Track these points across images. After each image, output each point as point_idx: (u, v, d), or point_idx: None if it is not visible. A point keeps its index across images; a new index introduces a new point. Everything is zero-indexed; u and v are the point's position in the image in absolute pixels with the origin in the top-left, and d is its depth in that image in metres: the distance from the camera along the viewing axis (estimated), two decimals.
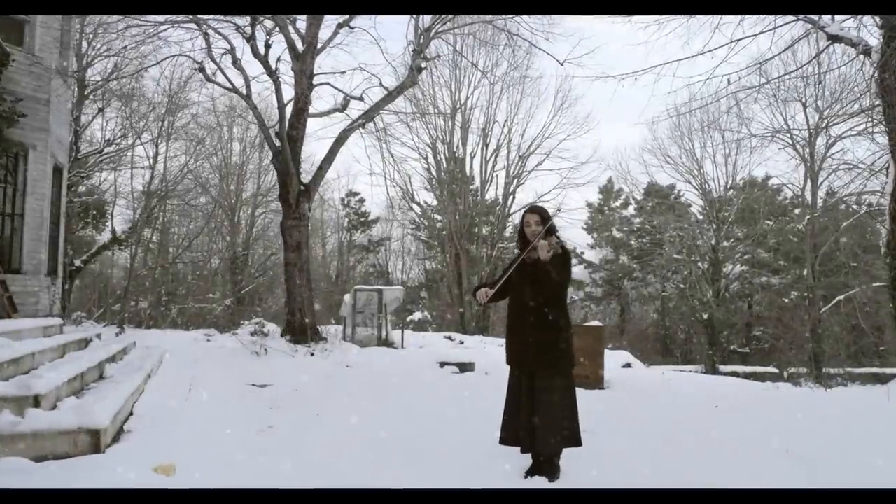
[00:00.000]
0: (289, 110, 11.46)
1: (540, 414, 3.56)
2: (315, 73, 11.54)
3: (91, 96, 20.64)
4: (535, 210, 3.90)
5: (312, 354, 9.88)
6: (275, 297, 30.77)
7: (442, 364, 10.17)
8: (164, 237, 29.27)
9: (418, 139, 21.56)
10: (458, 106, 21.24)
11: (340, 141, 11.47)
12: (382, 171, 19.75)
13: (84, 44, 19.23)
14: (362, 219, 39.64)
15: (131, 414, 4.77)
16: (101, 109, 20.68)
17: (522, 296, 3.75)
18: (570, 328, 3.82)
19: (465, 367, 10.00)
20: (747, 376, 21.73)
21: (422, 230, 30.10)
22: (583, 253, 36.14)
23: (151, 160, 22.59)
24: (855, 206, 23.15)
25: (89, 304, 26.57)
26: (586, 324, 8.67)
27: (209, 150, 27.33)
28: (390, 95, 11.33)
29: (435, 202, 25.54)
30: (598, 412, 6.29)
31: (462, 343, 18.57)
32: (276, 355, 9.84)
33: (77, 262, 22.29)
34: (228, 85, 11.64)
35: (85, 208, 24.15)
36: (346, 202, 39.60)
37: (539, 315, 3.68)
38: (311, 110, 12.38)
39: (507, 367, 3.91)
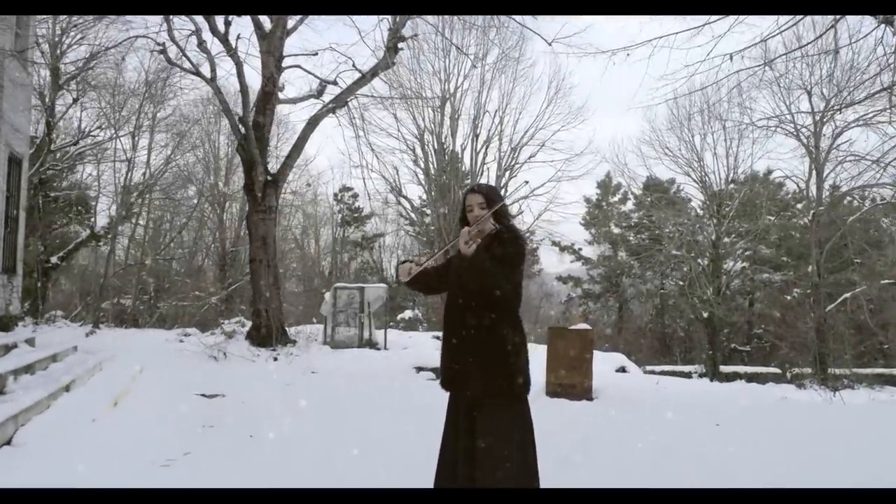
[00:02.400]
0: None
1: (481, 458, 2.71)
2: (284, 54, 10.70)
3: (65, 86, 19.82)
4: (479, 190, 3.01)
5: (276, 359, 9.07)
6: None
7: (418, 369, 9.38)
8: (156, 233, 28.53)
9: (406, 130, 20.70)
10: (447, 96, 20.35)
11: (310, 127, 10.65)
12: (359, 162, 18.70)
13: (58, 31, 18.42)
14: (355, 214, 38.96)
15: (8, 443, 3.94)
16: (75, 100, 19.84)
17: (457, 299, 2.91)
18: (524, 341, 2.93)
19: None
20: (749, 377, 20.96)
21: (414, 225, 29.23)
22: (580, 249, 35.36)
23: (128, 153, 21.76)
24: (858, 201, 22.35)
25: (74, 303, 25.80)
26: (573, 326, 7.84)
27: (194, 143, 26.53)
28: (364, 78, 10.48)
29: (424, 196, 24.64)
30: (580, 430, 5.48)
31: None
32: (236, 360, 9.03)
33: (53, 259, 21.53)
34: (192, 68, 10.81)
35: (68, 204, 23.39)
36: (339, 197, 38.85)
37: (479, 325, 2.81)
38: (283, 96, 11.56)
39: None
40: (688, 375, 20.83)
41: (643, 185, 30.13)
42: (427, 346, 15.74)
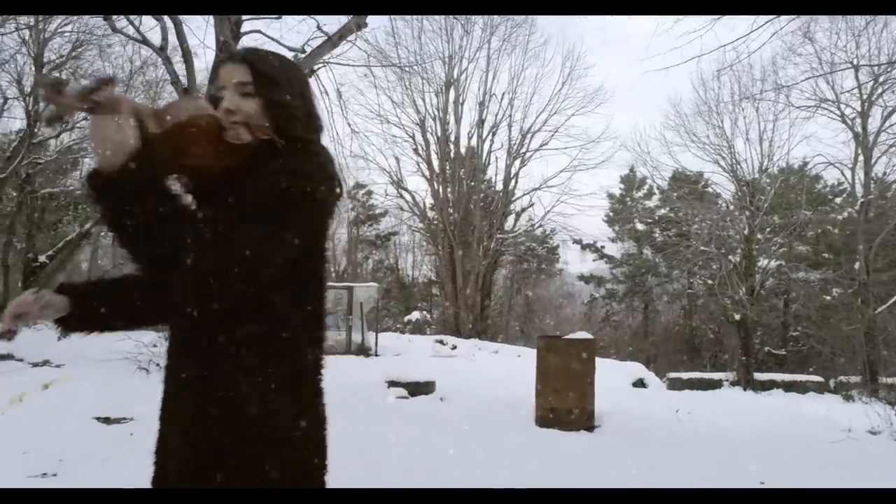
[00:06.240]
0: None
1: None
2: (242, 18, 9.26)
3: (49, 75, 18.82)
4: (245, 58, 1.29)
5: None
6: None
7: (390, 383, 7.84)
8: None
9: (405, 116, 19.10)
10: (451, 80, 18.76)
11: None
12: (333, 139, 17.06)
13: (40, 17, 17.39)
14: (370, 212, 37.89)
15: None
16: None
17: (178, 296, 1.19)
18: (313, 393, 1.34)
19: (418, 389, 7.64)
20: (787, 385, 18.95)
21: (423, 221, 27.73)
22: (603, 247, 33.52)
23: None
24: None
25: None
26: (570, 336, 6.21)
27: None
28: (330, 41, 8.99)
29: (427, 188, 23.12)
30: (560, 485, 3.89)
31: (455, 348, 16.30)
32: None
33: (42, 258, 20.61)
34: (138, 36, 9.47)
35: (69, 202, 22.51)
36: (352, 195, 37.72)
37: (213, 360, 1.20)
38: None
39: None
40: (718, 384, 18.97)
41: (670, 177, 28.18)
42: (423, 353, 14.31)
